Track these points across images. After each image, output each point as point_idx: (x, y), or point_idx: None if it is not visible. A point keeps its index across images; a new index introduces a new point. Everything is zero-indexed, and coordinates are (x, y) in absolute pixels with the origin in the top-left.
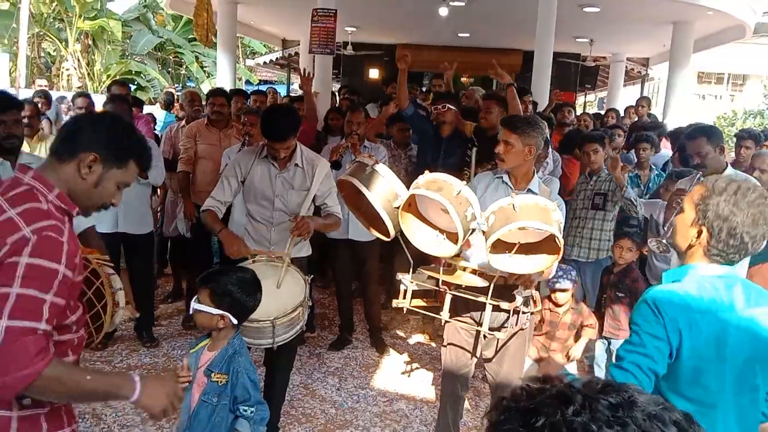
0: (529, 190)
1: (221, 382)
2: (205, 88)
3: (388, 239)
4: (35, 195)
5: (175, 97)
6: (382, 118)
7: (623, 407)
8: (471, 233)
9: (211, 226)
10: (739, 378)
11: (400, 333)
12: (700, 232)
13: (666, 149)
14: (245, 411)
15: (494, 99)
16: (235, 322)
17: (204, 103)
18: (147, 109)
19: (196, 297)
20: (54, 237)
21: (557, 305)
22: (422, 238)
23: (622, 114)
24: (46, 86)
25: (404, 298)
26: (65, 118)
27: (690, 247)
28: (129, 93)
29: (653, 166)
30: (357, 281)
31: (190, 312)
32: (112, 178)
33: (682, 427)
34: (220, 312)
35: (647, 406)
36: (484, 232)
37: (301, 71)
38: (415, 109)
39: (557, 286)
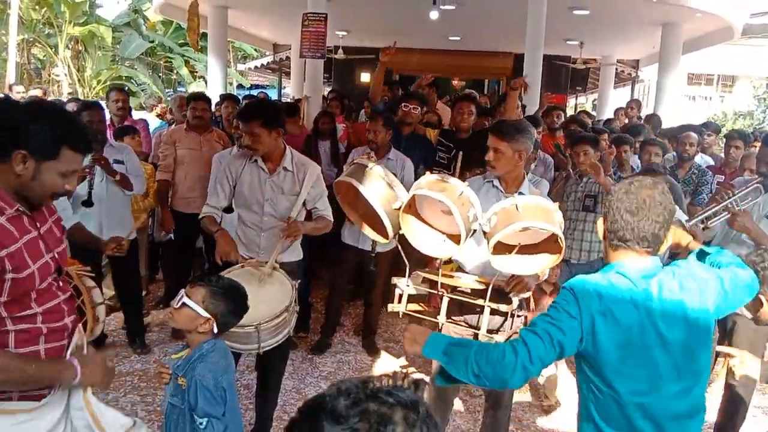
0: (520, 194)
1: (185, 385)
2: (193, 91)
3: (387, 241)
4: None
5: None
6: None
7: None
8: (472, 234)
9: (209, 230)
10: (677, 364)
11: (393, 337)
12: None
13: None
14: (196, 420)
15: (470, 100)
16: (216, 331)
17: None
18: (138, 114)
19: (184, 292)
20: None
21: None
22: (423, 239)
23: (611, 116)
24: (23, 92)
25: (399, 302)
26: None
27: (604, 239)
28: (127, 99)
29: (634, 167)
30: (353, 285)
31: (176, 305)
32: (49, 169)
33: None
34: (208, 315)
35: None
36: (485, 233)
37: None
38: (384, 107)
39: None
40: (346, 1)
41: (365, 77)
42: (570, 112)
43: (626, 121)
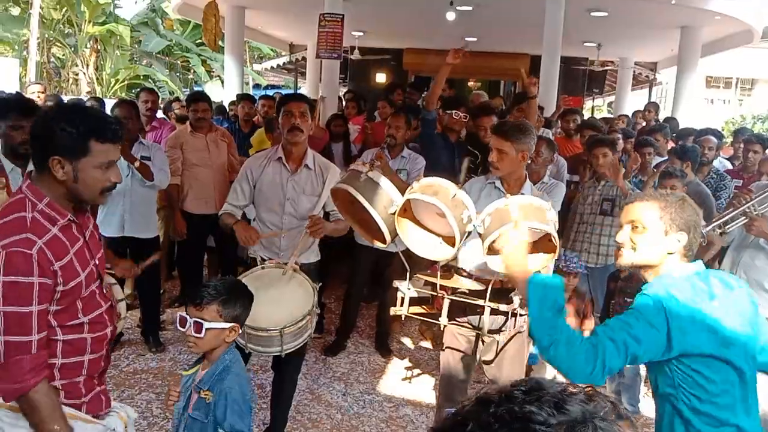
0: (522, 194)
1: (209, 399)
2: (209, 90)
3: (385, 245)
4: (23, 205)
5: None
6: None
7: (533, 390)
8: (467, 236)
9: (227, 225)
10: (748, 357)
11: (406, 339)
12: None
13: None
14: None
15: (489, 113)
16: (240, 330)
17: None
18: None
19: (192, 319)
20: (20, 252)
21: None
22: (419, 242)
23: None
24: (38, 91)
25: (401, 305)
26: None
27: (669, 254)
28: (157, 100)
29: (655, 171)
30: (371, 287)
31: (201, 334)
32: (87, 166)
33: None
34: (231, 324)
35: (553, 387)
36: (480, 234)
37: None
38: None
39: (572, 269)
40: (363, 2)
41: (381, 78)
42: (587, 114)
43: (643, 124)
